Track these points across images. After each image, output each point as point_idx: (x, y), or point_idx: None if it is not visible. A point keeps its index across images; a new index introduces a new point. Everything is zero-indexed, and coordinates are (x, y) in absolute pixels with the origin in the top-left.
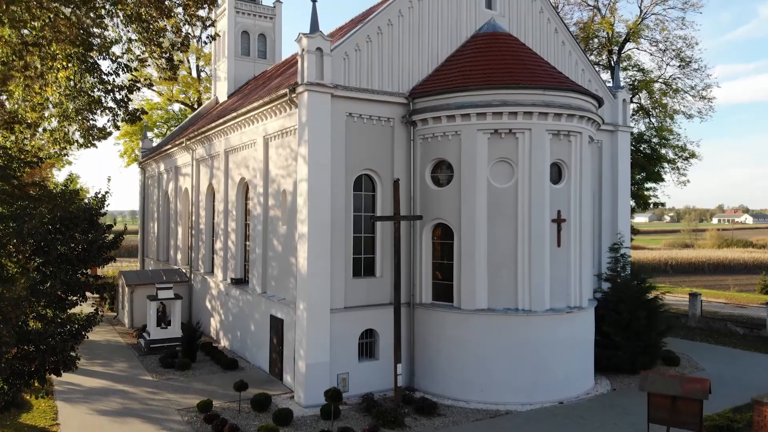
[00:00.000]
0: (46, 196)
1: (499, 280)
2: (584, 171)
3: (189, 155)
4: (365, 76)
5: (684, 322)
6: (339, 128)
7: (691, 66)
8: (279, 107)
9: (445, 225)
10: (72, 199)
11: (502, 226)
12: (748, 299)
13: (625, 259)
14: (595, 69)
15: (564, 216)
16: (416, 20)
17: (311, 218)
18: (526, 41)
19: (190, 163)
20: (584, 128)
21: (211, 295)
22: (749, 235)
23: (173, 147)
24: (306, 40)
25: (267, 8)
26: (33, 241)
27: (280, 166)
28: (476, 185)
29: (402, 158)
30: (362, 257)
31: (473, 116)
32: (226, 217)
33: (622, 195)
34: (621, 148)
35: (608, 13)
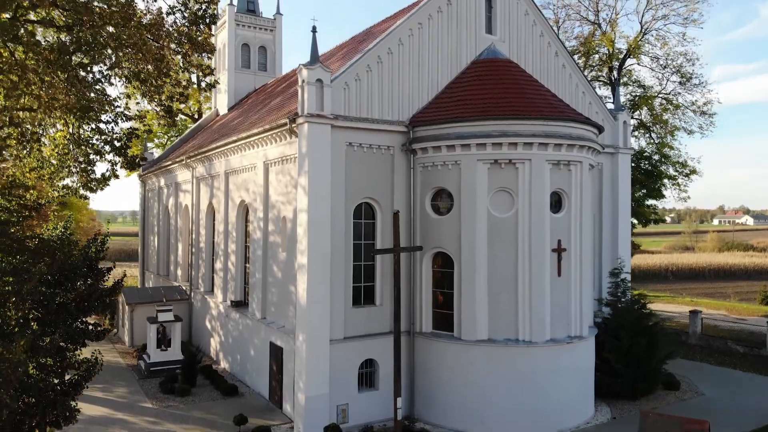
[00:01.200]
0: (45, 249)
1: (499, 310)
2: (584, 199)
3: (189, 173)
4: (365, 105)
5: (684, 339)
6: (339, 158)
7: (691, 81)
8: (279, 135)
9: (446, 254)
10: (71, 252)
11: (503, 255)
12: (748, 310)
13: (625, 284)
14: (596, 88)
15: (564, 245)
16: (416, 47)
17: (311, 249)
18: (527, 65)
19: (190, 180)
20: (584, 157)
21: (211, 315)
22: (750, 237)
23: (173, 163)
24: (306, 72)
25: (267, 20)
26: (32, 299)
27: (280, 192)
28: (476, 215)
29: (402, 186)
30: (362, 285)
31: (473, 146)
32: (226, 238)
33: (623, 218)
34: (621, 170)
35: (609, 28)
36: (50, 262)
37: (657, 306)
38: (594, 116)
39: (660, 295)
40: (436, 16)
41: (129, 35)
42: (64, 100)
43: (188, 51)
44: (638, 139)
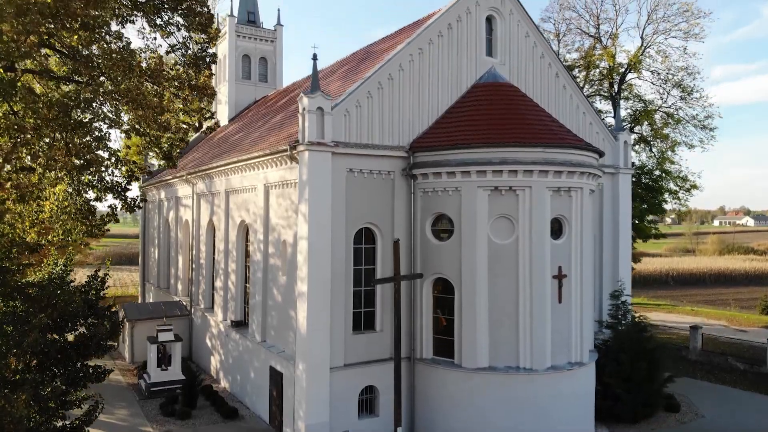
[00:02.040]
0: (45, 298)
1: (500, 337)
2: (585, 225)
3: (190, 188)
4: (366, 131)
5: (684, 355)
6: (339, 185)
7: (692, 96)
8: (280, 159)
9: (446, 279)
10: (71, 299)
11: (503, 282)
12: (749, 321)
13: (625, 306)
14: (596, 102)
15: (565, 272)
16: (416, 72)
17: (311, 277)
18: (528, 87)
19: (190, 195)
20: (585, 183)
21: (211, 333)
22: (750, 239)
23: (174, 177)
24: (307, 100)
25: (268, 31)
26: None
27: (280, 215)
28: (476, 241)
29: (402, 211)
30: (362, 311)
31: (473, 173)
32: (226, 256)
33: (623, 239)
34: (622, 190)
35: (609, 42)
36: (50, 311)
37: (657, 315)
38: (594, 136)
39: (660, 303)
40: (436, 40)
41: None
42: (63, 161)
43: (188, 96)
44: (639, 154)
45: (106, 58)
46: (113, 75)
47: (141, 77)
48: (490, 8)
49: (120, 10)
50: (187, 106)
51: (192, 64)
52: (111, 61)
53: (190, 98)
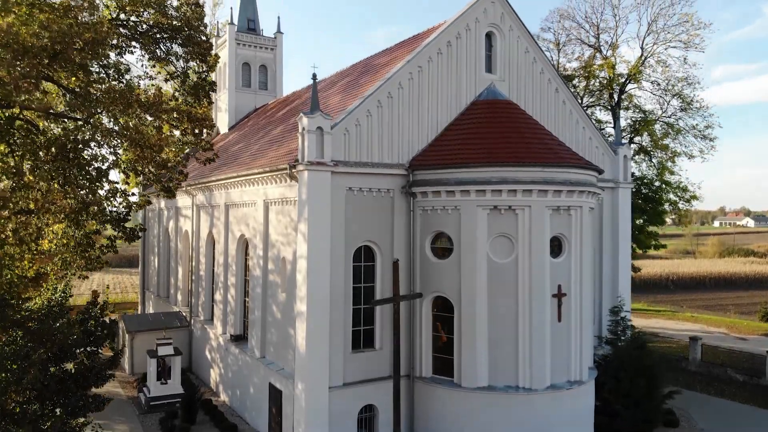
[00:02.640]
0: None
1: (499, 356)
2: (585, 243)
3: (189, 199)
4: (365, 150)
5: (684, 366)
6: (339, 203)
7: (692, 106)
8: (280, 177)
9: (446, 298)
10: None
11: (503, 301)
12: (748, 328)
13: (625, 322)
14: (596, 112)
15: (564, 290)
16: (416, 90)
17: (310, 298)
18: (527, 102)
19: (190, 207)
20: (584, 201)
21: (210, 346)
22: (751, 240)
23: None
24: (306, 120)
25: (268, 39)
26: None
27: (280, 232)
28: (476, 260)
29: (402, 228)
30: (361, 329)
31: (472, 192)
32: (226, 270)
33: (623, 254)
34: (622, 204)
35: (610, 52)
36: (50, 345)
37: (657, 322)
38: (594, 151)
39: (660, 309)
40: (436, 58)
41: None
42: (61, 205)
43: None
44: (639, 165)
45: (105, 95)
46: (112, 111)
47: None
48: (489, 25)
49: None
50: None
51: (191, 93)
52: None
53: (189, 130)
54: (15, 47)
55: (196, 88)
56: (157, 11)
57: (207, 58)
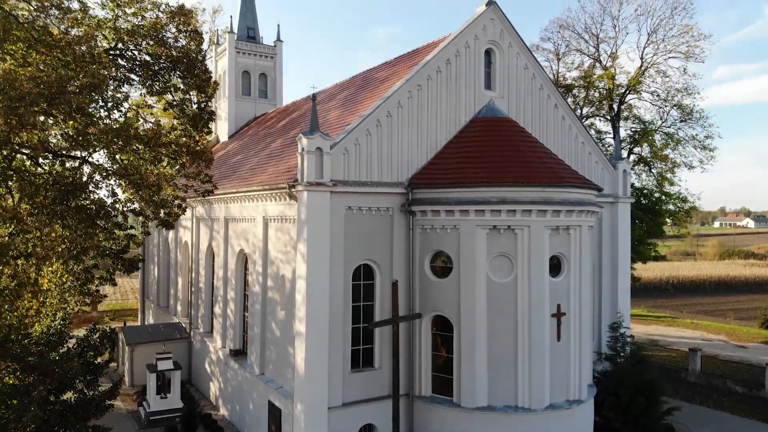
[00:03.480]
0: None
1: (499, 375)
2: (584, 262)
3: (189, 211)
4: (364, 169)
5: (684, 377)
6: (338, 223)
7: (692, 116)
8: (279, 195)
9: (445, 317)
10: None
11: (502, 320)
12: (748, 335)
13: (624, 338)
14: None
15: (564, 310)
16: (415, 108)
17: (309, 318)
18: (526, 118)
19: (189, 218)
20: (583, 220)
21: (210, 359)
22: (751, 241)
23: None
24: (306, 141)
25: (268, 47)
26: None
27: (279, 249)
28: (476, 279)
29: (401, 246)
30: (361, 348)
31: (472, 212)
32: (225, 284)
33: (622, 268)
34: (621, 219)
35: (609, 62)
36: (50, 381)
37: (657, 329)
38: (593, 166)
39: (660, 315)
40: (435, 76)
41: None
42: (60, 249)
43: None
44: (639, 176)
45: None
46: (111, 150)
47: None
48: (489, 42)
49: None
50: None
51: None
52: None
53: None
54: (12, 94)
55: (195, 118)
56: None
57: (206, 89)
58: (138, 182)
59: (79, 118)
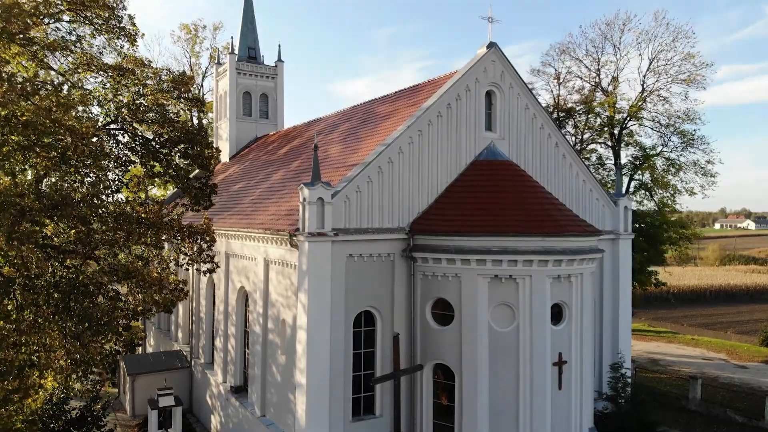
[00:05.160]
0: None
1: (500, 424)
2: (585, 308)
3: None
4: (366, 216)
5: (684, 405)
6: (339, 271)
7: (694, 144)
8: (280, 240)
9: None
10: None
11: (504, 369)
12: (748, 353)
13: (625, 379)
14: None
15: (565, 357)
16: (416, 153)
17: (310, 371)
18: (527, 158)
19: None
20: (585, 268)
21: (211, 392)
22: (752, 243)
23: None
24: (308, 191)
25: (269, 68)
26: None
27: (280, 292)
28: (477, 328)
29: (402, 293)
30: (362, 396)
31: (473, 261)
32: (226, 318)
33: (623, 307)
34: (622, 256)
35: (611, 87)
36: None
37: (658, 347)
38: (594, 203)
39: (661, 330)
40: (435, 121)
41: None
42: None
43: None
44: (640, 203)
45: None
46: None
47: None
48: (489, 84)
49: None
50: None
51: (192, 200)
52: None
53: (189, 245)
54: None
55: (198, 196)
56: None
57: (208, 166)
58: (140, 282)
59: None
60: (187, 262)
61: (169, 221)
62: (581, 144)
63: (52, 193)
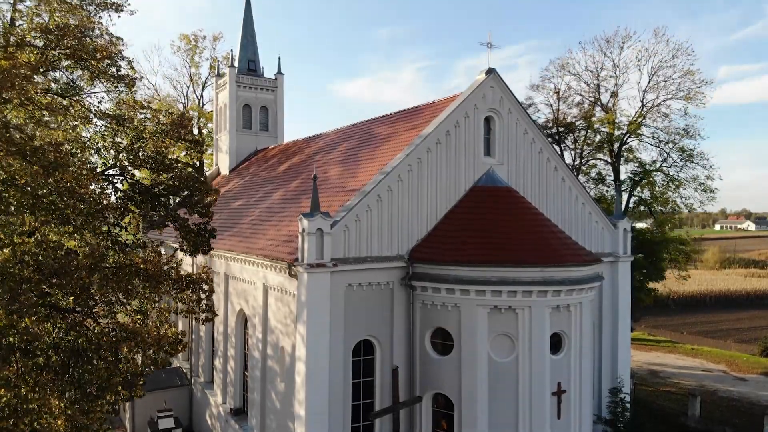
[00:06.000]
0: None
1: None
2: (585, 336)
3: (188, 258)
4: (365, 244)
5: (683, 421)
6: (338, 301)
7: (693, 160)
8: (279, 267)
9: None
10: None
11: (503, 399)
12: (747, 365)
13: (624, 403)
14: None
15: (564, 387)
16: (415, 181)
17: (309, 403)
18: (526, 183)
19: (190, 264)
20: (584, 297)
21: (211, 412)
22: (752, 246)
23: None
24: (307, 222)
25: (269, 80)
26: None
27: (279, 320)
28: (477, 358)
29: (401, 321)
30: (361, 425)
31: (472, 292)
32: (225, 340)
33: (623, 330)
34: (621, 279)
35: (611, 102)
36: None
37: (657, 357)
38: (594, 226)
39: (661, 339)
40: (434, 148)
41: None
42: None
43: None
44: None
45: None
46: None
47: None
48: (488, 110)
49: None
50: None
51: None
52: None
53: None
54: (11, 284)
55: (197, 244)
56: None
57: (208, 213)
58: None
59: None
60: (185, 312)
61: (168, 270)
62: (581, 159)
63: (52, 262)
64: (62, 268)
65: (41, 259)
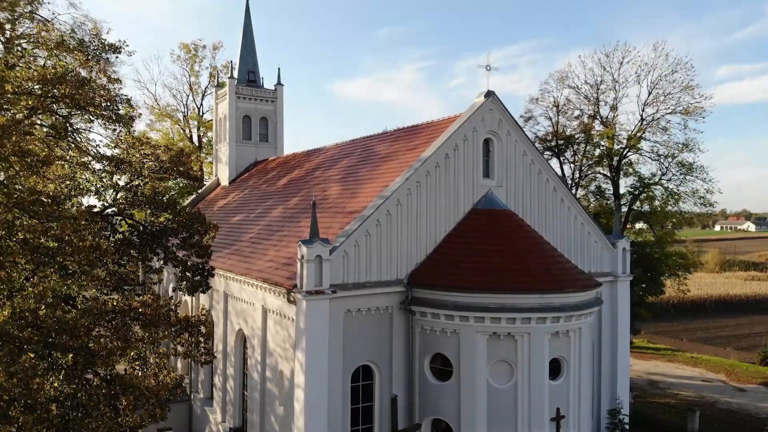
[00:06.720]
0: None
1: None
2: (584, 361)
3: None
4: (364, 269)
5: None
6: (337, 327)
7: (693, 173)
8: (278, 292)
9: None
10: None
11: (502, 426)
12: (747, 374)
13: (623, 425)
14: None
15: (563, 412)
16: (414, 204)
17: (308, 430)
18: (525, 204)
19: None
20: (584, 322)
21: (210, 429)
22: (752, 247)
23: None
24: (306, 249)
25: (268, 92)
26: None
27: (278, 343)
28: (476, 385)
29: (401, 346)
30: None
31: (471, 318)
32: (224, 359)
33: (622, 350)
34: (621, 298)
35: (610, 114)
36: None
37: (657, 366)
38: (593, 245)
39: (660, 347)
40: (434, 171)
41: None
42: None
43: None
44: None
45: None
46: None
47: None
48: (488, 132)
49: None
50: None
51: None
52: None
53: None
54: (11, 347)
55: (195, 286)
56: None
57: (205, 255)
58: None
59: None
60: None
61: (166, 312)
62: (581, 172)
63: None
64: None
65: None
